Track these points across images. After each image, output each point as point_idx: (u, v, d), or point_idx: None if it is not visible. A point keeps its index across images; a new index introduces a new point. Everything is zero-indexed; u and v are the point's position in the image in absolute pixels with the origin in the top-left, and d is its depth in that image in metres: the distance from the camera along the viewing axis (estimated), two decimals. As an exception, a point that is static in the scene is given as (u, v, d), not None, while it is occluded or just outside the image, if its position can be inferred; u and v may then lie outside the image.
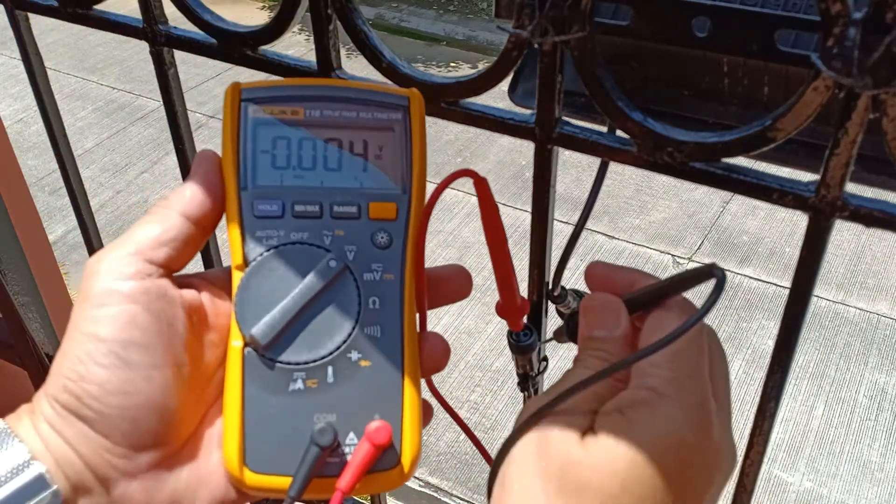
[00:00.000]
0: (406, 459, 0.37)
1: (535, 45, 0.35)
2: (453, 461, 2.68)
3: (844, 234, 3.46)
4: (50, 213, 3.65)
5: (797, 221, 3.50)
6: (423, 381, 0.41)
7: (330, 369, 0.38)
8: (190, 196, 0.39)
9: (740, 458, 0.43)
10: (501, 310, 0.45)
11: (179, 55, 0.50)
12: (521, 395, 0.52)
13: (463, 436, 2.73)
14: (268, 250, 0.38)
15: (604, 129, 0.39)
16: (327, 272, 0.38)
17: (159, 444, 0.36)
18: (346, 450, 0.37)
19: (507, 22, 0.36)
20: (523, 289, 0.46)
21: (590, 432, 0.35)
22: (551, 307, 0.49)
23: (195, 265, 0.44)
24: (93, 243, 0.67)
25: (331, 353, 0.38)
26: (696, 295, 0.34)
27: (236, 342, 0.38)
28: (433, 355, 0.40)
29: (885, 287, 3.29)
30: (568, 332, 0.44)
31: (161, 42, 0.48)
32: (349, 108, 0.40)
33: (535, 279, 0.46)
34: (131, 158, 4.08)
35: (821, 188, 0.33)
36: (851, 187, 0.33)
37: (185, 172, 0.54)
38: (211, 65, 4.42)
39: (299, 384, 0.37)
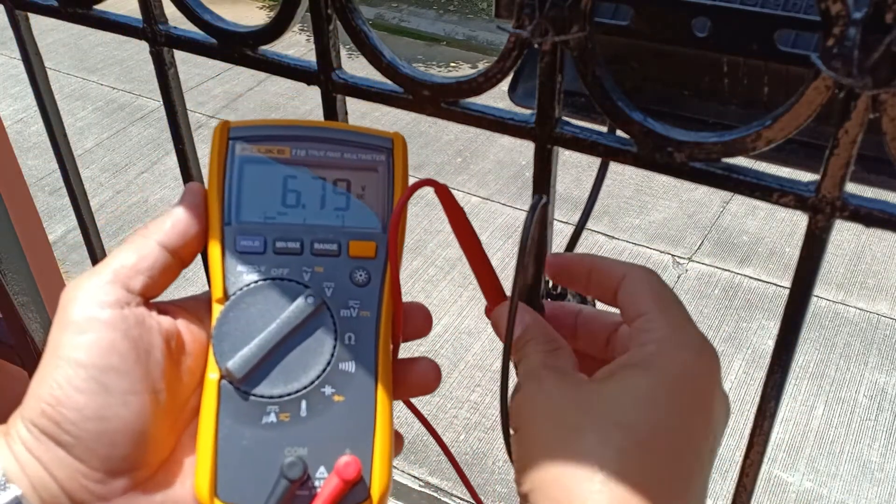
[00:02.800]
0: (375, 493, 0.38)
1: (535, 45, 0.35)
2: (453, 461, 2.68)
3: (844, 234, 3.46)
4: (50, 213, 3.64)
5: (797, 221, 3.50)
6: (402, 402, 0.42)
7: (303, 403, 0.38)
8: (170, 227, 0.40)
9: (740, 459, 0.43)
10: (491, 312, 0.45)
11: (179, 55, 0.50)
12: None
13: (463, 435, 2.73)
14: (248, 285, 0.39)
15: (604, 129, 0.39)
16: (305, 308, 0.39)
17: (134, 469, 0.37)
18: (316, 483, 0.37)
19: (507, 22, 0.36)
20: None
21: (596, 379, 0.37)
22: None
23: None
24: (93, 243, 0.67)
25: (305, 388, 0.39)
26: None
27: (213, 374, 0.39)
28: (423, 380, 0.42)
29: (885, 287, 3.29)
30: None
31: (161, 42, 0.48)
32: (334, 149, 0.42)
33: (535, 279, 0.46)
34: (131, 158, 4.08)
35: (821, 188, 0.33)
36: (851, 187, 0.33)
37: (185, 172, 0.54)
38: (211, 65, 4.42)
39: (272, 417, 0.38)
